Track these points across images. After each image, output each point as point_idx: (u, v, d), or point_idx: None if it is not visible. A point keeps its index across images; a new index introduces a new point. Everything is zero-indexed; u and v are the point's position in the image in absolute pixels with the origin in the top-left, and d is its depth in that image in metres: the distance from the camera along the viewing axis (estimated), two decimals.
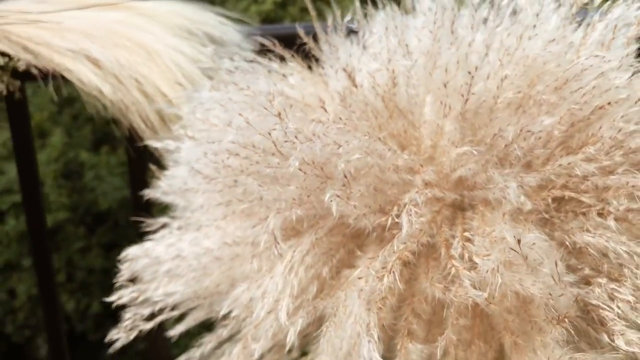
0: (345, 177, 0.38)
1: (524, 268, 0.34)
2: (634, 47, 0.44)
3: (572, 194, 0.39)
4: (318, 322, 0.43)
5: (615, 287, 0.37)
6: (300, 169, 0.39)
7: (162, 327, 0.59)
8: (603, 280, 0.37)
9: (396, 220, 0.37)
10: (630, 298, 0.36)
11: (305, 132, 0.41)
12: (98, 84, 0.67)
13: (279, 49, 0.53)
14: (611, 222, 0.37)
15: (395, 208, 0.38)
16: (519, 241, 0.33)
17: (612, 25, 0.46)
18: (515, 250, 0.33)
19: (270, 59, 0.52)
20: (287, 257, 0.41)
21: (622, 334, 0.36)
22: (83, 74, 0.67)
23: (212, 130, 0.50)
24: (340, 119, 0.44)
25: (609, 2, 0.49)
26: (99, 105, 0.68)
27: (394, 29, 0.48)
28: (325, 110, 0.46)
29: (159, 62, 0.68)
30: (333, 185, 0.39)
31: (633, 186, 0.37)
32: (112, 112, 0.68)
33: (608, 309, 0.36)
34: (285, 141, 0.40)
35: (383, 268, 0.36)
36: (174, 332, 0.54)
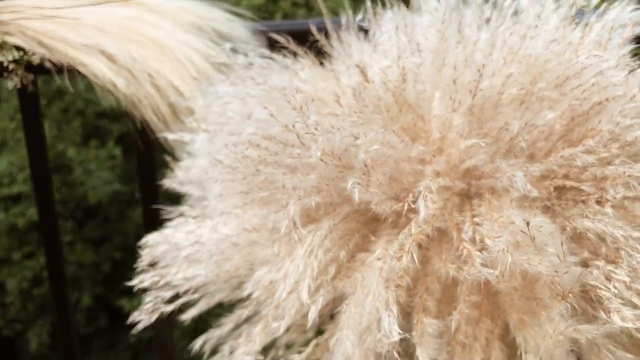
0: (366, 166, 0.41)
1: (531, 249, 0.37)
2: (630, 47, 0.48)
3: (573, 183, 0.42)
4: (334, 302, 0.46)
5: (612, 269, 0.40)
6: (321, 159, 0.42)
7: (168, 319, 0.62)
8: (601, 263, 0.40)
9: (412, 206, 0.40)
10: (626, 278, 0.39)
11: (323, 125, 0.44)
12: (112, 78, 0.69)
13: (292, 45, 0.55)
14: (608, 209, 0.41)
15: (411, 195, 0.41)
16: (527, 224, 0.36)
17: (608, 26, 0.49)
18: (524, 232, 0.36)
19: (285, 55, 0.55)
20: (307, 241, 0.44)
21: (618, 311, 0.39)
22: (97, 68, 0.69)
23: (230, 122, 0.53)
24: (355, 112, 0.47)
25: (605, 4, 0.52)
26: (112, 98, 0.70)
27: (404, 28, 0.51)
28: (340, 105, 0.49)
29: (171, 57, 0.70)
30: (353, 174, 0.42)
31: (629, 176, 0.40)
32: (125, 106, 0.70)
33: (605, 288, 0.40)
34: (306, 133, 0.43)
35: (400, 249, 0.40)
36: (186, 316, 0.57)
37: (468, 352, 0.41)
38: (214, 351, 0.52)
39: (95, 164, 3.94)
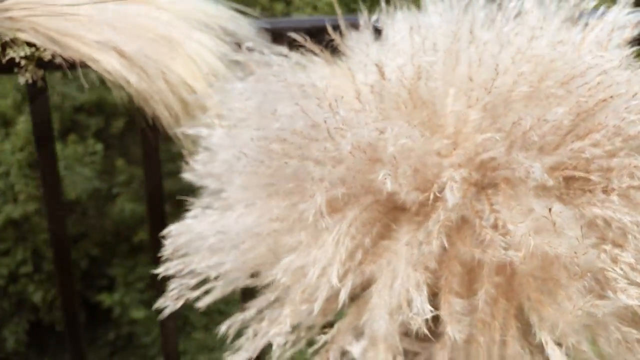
0: (395, 158, 0.44)
1: (551, 233, 0.41)
2: (632, 48, 0.51)
3: (582, 174, 0.45)
4: (356, 287, 0.49)
5: (619, 252, 0.44)
6: (350, 153, 0.45)
7: (172, 317, 0.64)
8: (608, 247, 0.44)
9: (438, 195, 0.44)
10: (632, 260, 0.43)
11: (349, 120, 0.47)
12: (125, 75, 0.71)
13: (309, 44, 0.58)
14: (614, 197, 0.44)
15: (435, 185, 0.44)
16: (549, 210, 0.40)
17: (608, 28, 0.53)
18: (546, 218, 0.40)
19: (302, 54, 0.57)
20: (334, 229, 0.47)
21: (624, 291, 0.43)
22: (110, 65, 0.71)
23: (251, 118, 0.55)
24: (375, 108, 0.50)
25: (603, 6, 0.56)
26: (124, 94, 0.72)
27: (418, 28, 0.54)
28: (360, 101, 0.51)
29: (182, 53, 0.73)
30: (382, 167, 0.45)
31: (635, 167, 0.44)
32: (137, 102, 0.72)
33: (612, 270, 0.43)
34: (335, 128, 0.46)
35: (429, 235, 0.43)
36: (202, 303, 0.60)
37: (488, 329, 0.44)
38: (239, 334, 0.54)
39: (74, 159, 3.91)
